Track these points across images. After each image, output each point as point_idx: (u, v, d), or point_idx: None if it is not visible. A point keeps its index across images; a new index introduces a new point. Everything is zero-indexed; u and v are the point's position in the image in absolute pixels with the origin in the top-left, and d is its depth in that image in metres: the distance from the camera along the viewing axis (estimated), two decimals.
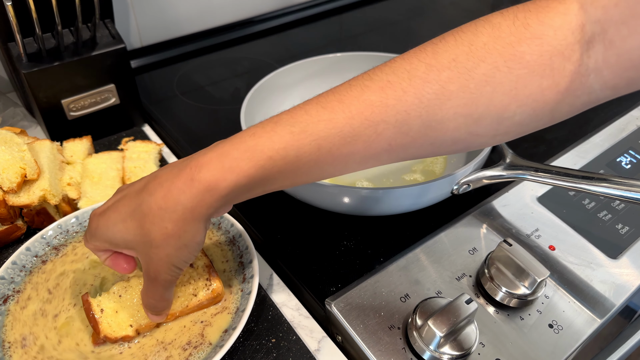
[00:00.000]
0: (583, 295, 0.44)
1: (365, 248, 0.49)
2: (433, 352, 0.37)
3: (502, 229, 0.49)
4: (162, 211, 0.31)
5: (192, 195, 0.31)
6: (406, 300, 0.42)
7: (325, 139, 0.31)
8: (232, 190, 0.31)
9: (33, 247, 0.45)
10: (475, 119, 0.31)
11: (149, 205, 0.31)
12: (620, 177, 0.41)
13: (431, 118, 0.30)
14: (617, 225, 0.51)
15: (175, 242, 0.32)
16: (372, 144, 0.31)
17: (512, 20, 0.30)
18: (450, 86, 0.30)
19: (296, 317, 0.44)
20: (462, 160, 0.57)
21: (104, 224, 0.34)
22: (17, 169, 0.48)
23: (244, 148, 0.31)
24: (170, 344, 0.39)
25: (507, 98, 0.30)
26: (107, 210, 0.34)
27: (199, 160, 0.31)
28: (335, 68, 0.65)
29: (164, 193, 0.31)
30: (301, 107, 0.32)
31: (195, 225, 0.32)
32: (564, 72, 0.29)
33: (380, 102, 0.30)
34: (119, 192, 0.36)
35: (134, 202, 0.33)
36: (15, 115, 0.66)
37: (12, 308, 0.41)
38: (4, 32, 0.56)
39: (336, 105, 0.31)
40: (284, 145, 0.31)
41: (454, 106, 0.30)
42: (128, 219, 0.33)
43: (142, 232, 0.32)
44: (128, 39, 0.80)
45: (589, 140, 0.62)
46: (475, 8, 1.01)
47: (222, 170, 0.30)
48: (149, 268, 0.34)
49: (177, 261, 0.33)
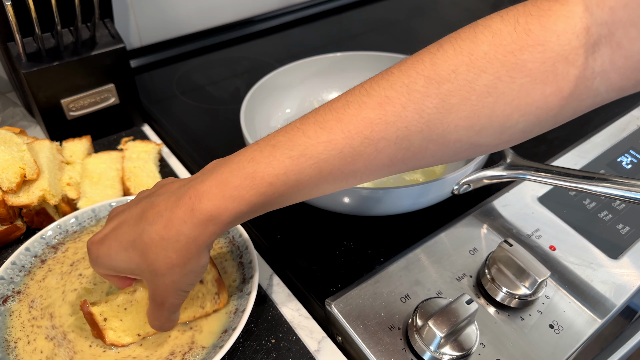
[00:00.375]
0: (584, 295, 0.44)
1: (365, 248, 0.49)
2: (433, 353, 0.37)
3: (502, 229, 0.49)
4: (164, 242, 0.31)
5: (194, 225, 0.30)
6: (406, 301, 0.42)
7: (326, 161, 0.30)
8: (234, 218, 0.31)
9: (32, 247, 0.45)
10: (478, 130, 0.30)
11: (150, 235, 0.31)
12: (621, 177, 0.41)
13: (432, 132, 0.30)
14: (617, 226, 0.50)
15: (180, 270, 0.32)
16: (373, 161, 0.31)
17: (514, 26, 0.28)
18: (451, 99, 0.29)
19: (296, 317, 0.44)
20: (463, 160, 0.57)
21: (104, 253, 0.34)
22: (16, 169, 0.48)
23: (244, 175, 0.30)
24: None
25: (509, 108, 0.29)
26: (106, 239, 0.34)
27: (198, 189, 0.31)
28: (335, 68, 0.65)
29: (165, 223, 0.31)
30: (298, 128, 0.31)
31: (197, 253, 0.32)
32: (568, 77, 0.28)
33: (380, 119, 0.29)
34: (115, 218, 0.35)
35: (134, 231, 0.32)
36: (15, 115, 0.66)
37: (15, 308, 0.41)
38: (3, 32, 0.56)
39: (334, 125, 0.30)
40: (284, 171, 0.30)
41: (456, 119, 0.29)
42: (130, 248, 0.32)
43: (146, 262, 0.32)
44: (128, 39, 0.80)
45: (589, 140, 0.62)
46: (476, 8, 1.01)
47: (223, 199, 0.30)
48: (155, 294, 0.34)
49: (184, 286, 0.34)
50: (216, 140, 0.65)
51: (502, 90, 0.29)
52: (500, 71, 0.28)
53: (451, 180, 0.46)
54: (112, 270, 0.35)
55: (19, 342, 0.39)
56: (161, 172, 0.59)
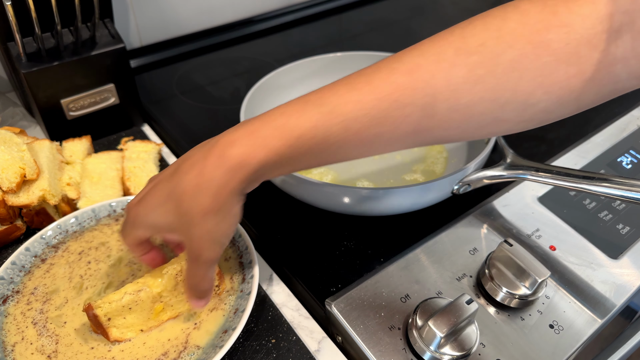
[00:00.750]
0: (584, 295, 0.44)
1: (365, 248, 0.49)
2: (433, 353, 0.37)
3: (502, 229, 0.49)
4: (197, 188, 0.32)
5: (225, 171, 0.31)
6: (406, 301, 0.42)
7: (354, 120, 0.31)
8: (262, 166, 0.32)
9: (32, 247, 0.45)
10: (501, 104, 0.31)
11: (184, 185, 0.32)
12: (621, 177, 0.41)
13: (458, 102, 0.31)
14: (617, 226, 0.50)
15: (213, 217, 0.33)
16: (399, 126, 0.31)
17: (541, 7, 0.30)
18: (478, 70, 0.30)
19: (296, 317, 0.44)
20: (463, 160, 0.57)
21: (143, 211, 0.35)
22: (16, 169, 0.48)
23: (274, 126, 0.31)
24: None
25: (533, 84, 0.30)
26: (144, 198, 0.35)
27: (229, 137, 0.32)
28: (336, 68, 0.65)
29: (198, 171, 0.32)
30: (330, 88, 0.32)
31: (231, 199, 0.33)
32: (591, 61, 0.29)
33: (409, 84, 0.30)
34: (151, 182, 0.37)
35: (169, 185, 0.34)
36: (15, 115, 0.66)
37: (11, 310, 0.41)
38: (3, 32, 0.56)
39: (364, 87, 0.31)
40: (313, 125, 0.31)
41: (481, 90, 0.30)
42: (166, 201, 0.34)
43: (181, 212, 0.33)
44: (127, 39, 0.80)
45: (589, 140, 0.62)
46: (475, 7, 1.01)
47: (253, 146, 0.31)
48: (192, 247, 0.34)
49: (218, 236, 0.34)
50: None
51: (527, 66, 0.30)
52: (526, 48, 0.29)
53: (451, 180, 0.46)
54: (151, 229, 0.36)
55: (16, 345, 0.39)
56: None
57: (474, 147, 0.56)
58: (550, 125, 0.68)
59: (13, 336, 0.39)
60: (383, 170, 0.57)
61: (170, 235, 0.37)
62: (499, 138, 0.51)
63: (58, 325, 0.40)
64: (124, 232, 0.38)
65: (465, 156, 0.57)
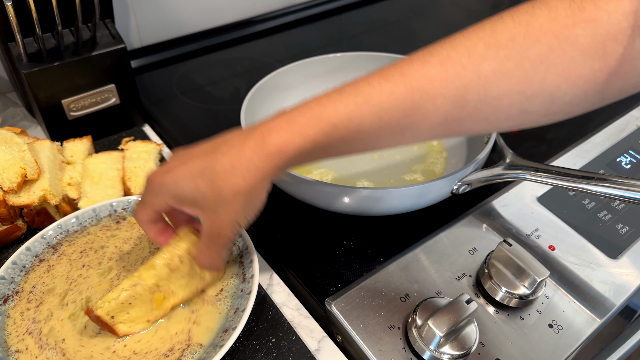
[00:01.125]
0: (583, 295, 0.44)
1: (365, 248, 0.49)
2: (433, 352, 0.37)
3: (502, 228, 0.49)
4: (234, 169, 0.33)
5: (263, 156, 0.33)
6: (406, 300, 0.42)
7: (387, 110, 0.32)
8: (298, 154, 0.33)
9: (33, 247, 0.45)
10: (529, 96, 0.32)
11: (222, 164, 0.33)
12: (620, 177, 0.41)
13: (487, 94, 0.32)
14: (617, 225, 0.51)
15: (244, 199, 0.34)
16: (429, 117, 0.33)
17: (569, 3, 0.31)
18: (508, 64, 0.31)
19: (296, 317, 0.44)
20: (462, 160, 0.57)
21: (171, 180, 0.36)
22: (17, 169, 0.48)
23: (311, 115, 0.33)
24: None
25: (559, 78, 0.31)
26: (174, 169, 0.36)
27: (268, 125, 0.33)
28: (336, 68, 0.65)
29: (237, 153, 0.33)
30: (365, 80, 0.33)
31: (262, 184, 0.34)
32: (615, 55, 0.30)
33: (440, 76, 0.31)
34: (181, 154, 0.37)
35: (205, 161, 0.34)
36: (15, 115, 0.66)
37: (10, 312, 0.41)
38: (4, 32, 0.56)
39: (398, 78, 0.32)
40: (348, 115, 0.32)
41: (510, 83, 0.31)
42: (198, 176, 0.34)
43: (214, 189, 0.34)
44: (128, 39, 0.80)
45: (589, 140, 0.62)
46: (476, 8, 1.01)
47: (291, 134, 0.32)
48: (213, 225, 0.36)
49: (242, 218, 0.36)
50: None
51: (554, 60, 0.31)
52: (554, 43, 0.30)
53: (451, 180, 0.46)
54: (173, 199, 0.36)
55: (19, 355, 0.39)
56: None
57: (473, 147, 0.56)
58: (549, 126, 0.68)
59: (15, 344, 0.39)
60: (383, 170, 0.57)
61: (189, 209, 0.37)
62: (498, 138, 0.51)
63: (57, 341, 0.40)
64: (142, 204, 0.38)
65: (464, 156, 0.57)
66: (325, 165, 0.58)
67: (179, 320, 0.41)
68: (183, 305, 0.42)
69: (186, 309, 0.42)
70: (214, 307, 0.42)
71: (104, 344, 0.39)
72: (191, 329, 0.40)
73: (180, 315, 0.41)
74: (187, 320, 0.41)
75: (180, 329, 0.40)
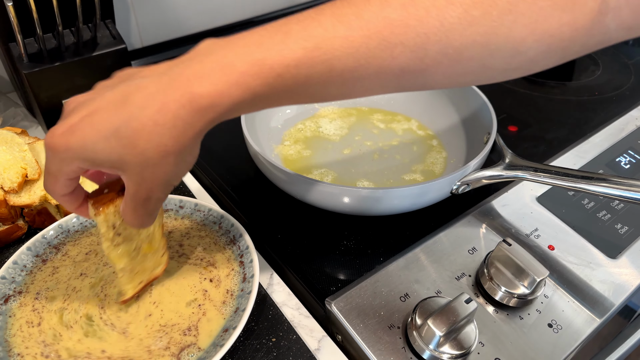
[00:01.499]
0: (582, 295, 0.44)
1: (365, 248, 0.49)
2: (433, 352, 0.37)
3: (501, 228, 0.49)
4: (158, 127, 0.28)
5: (193, 111, 0.28)
6: (406, 300, 0.42)
7: (339, 59, 0.28)
8: (235, 106, 0.29)
9: (34, 246, 0.46)
10: (491, 50, 0.30)
11: (141, 121, 0.28)
12: (620, 177, 0.41)
13: (449, 44, 0.29)
14: (616, 225, 0.51)
15: (174, 159, 0.29)
16: (385, 68, 0.29)
17: None
18: (474, 11, 0.28)
19: (296, 316, 0.44)
20: (462, 160, 0.57)
21: (77, 144, 0.29)
22: (18, 169, 0.48)
23: (251, 61, 0.28)
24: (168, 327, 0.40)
25: (526, 30, 0.29)
26: (77, 128, 0.29)
27: (196, 69, 0.28)
28: None
29: (159, 107, 0.28)
30: (313, 18, 0.29)
31: (195, 140, 0.30)
32: (585, 10, 0.29)
33: (401, 21, 0.28)
34: (81, 106, 0.30)
35: (117, 117, 0.28)
36: (16, 115, 0.66)
37: (14, 309, 0.42)
38: (5, 33, 0.56)
39: (353, 21, 0.28)
40: (296, 63, 0.28)
41: (474, 33, 0.29)
42: (112, 137, 0.28)
43: (135, 152, 0.29)
44: (129, 40, 0.81)
45: (588, 140, 0.62)
46: None
47: (227, 84, 0.28)
48: (141, 188, 0.31)
49: (174, 178, 0.31)
50: (216, 141, 0.65)
51: (523, 10, 0.29)
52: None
53: (450, 180, 0.46)
54: (87, 163, 0.30)
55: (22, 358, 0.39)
56: None
57: (473, 147, 0.56)
58: (549, 126, 0.68)
59: (20, 341, 0.39)
60: (383, 170, 0.57)
61: (109, 171, 0.31)
62: (497, 138, 0.52)
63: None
64: (50, 175, 0.32)
65: (464, 156, 0.58)
66: (325, 165, 0.58)
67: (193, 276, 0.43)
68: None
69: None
70: (219, 316, 0.42)
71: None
72: (200, 319, 0.41)
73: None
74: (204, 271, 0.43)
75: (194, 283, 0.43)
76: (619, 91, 0.74)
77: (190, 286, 0.43)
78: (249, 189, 0.56)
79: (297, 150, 0.60)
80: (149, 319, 0.41)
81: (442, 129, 0.63)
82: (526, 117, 0.68)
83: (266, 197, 0.54)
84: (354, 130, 0.64)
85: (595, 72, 0.80)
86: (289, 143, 0.61)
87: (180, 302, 0.42)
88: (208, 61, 0.28)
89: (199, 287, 0.43)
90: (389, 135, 0.63)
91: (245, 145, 0.51)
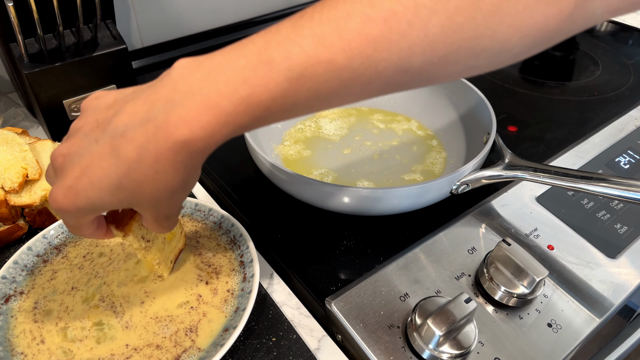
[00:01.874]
0: (582, 294, 0.44)
1: (365, 248, 0.49)
2: (432, 351, 0.37)
3: (501, 228, 0.49)
4: (160, 174, 0.29)
5: (190, 153, 0.29)
6: (406, 300, 0.42)
7: (324, 83, 0.28)
8: (227, 137, 0.30)
9: (34, 246, 0.46)
10: (477, 52, 0.29)
11: (142, 172, 0.29)
12: (619, 177, 0.41)
13: (434, 54, 0.28)
14: (615, 225, 0.51)
15: (182, 191, 0.32)
16: (370, 84, 0.29)
17: None
18: (458, 18, 0.27)
19: (296, 316, 0.44)
20: (462, 161, 0.57)
21: (84, 203, 0.30)
22: (18, 169, 0.48)
23: (237, 100, 0.28)
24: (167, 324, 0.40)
25: (511, 30, 0.28)
26: (77, 187, 0.30)
27: (183, 115, 0.28)
28: None
29: (155, 157, 0.29)
30: (294, 41, 0.28)
31: (196, 172, 0.31)
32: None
33: (384, 37, 0.27)
34: (69, 163, 0.31)
35: (115, 172, 0.29)
36: (17, 115, 0.67)
37: (15, 307, 0.42)
38: (5, 33, 0.56)
39: (335, 42, 0.27)
40: (282, 95, 0.28)
41: (459, 39, 0.28)
42: (116, 190, 0.30)
43: (144, 197, 0.30)
44: (129, 40, 0.81)
45: (588, 140, 0.62)
46: None
47: (217, 125, 0.28)
48: (159, 215, 0.33)
49: (184, 198, 0.34)
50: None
51: (507, 10, 0.28)
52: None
53: (450, 180, 0.46)
54: (99, 212, 0.32)
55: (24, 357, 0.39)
56: None
57: (472, 148, 0.56)
58: (548, 126, 0.68)
59: (23, 341, 0.39)
60: (383, 170, 0.57)
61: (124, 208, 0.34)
62: (497, 138, 0.52)
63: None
64: (72, 228, 0.34)
65: (463, 156, 0.58)
66: (325, 165, 0.58)
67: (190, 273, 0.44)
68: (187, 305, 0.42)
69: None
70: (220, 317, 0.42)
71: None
72: (201, 320, 0.41)
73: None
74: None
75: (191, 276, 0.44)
76: (619, 91, 0.74)
77: (189, 286, 0.43)
78: (249, 189, 0.56)
79: (297, 150, 0.60)
80: (152, 320, 0.41)
81: (442, 129, 0.63)
82: (526, 117, 0.68)
83: (266, 197, 0.55)
84: (354, 131, 0.64)
85: (595, 72, 0.80)
86: (289, 143, 0.62)
87: (176, 302, 0.42)
88: (191, 103, 0.28)
89: (197, 288, 0.43)
90: (388, 136, 0.63)
91: (245, 145, 0.51)
